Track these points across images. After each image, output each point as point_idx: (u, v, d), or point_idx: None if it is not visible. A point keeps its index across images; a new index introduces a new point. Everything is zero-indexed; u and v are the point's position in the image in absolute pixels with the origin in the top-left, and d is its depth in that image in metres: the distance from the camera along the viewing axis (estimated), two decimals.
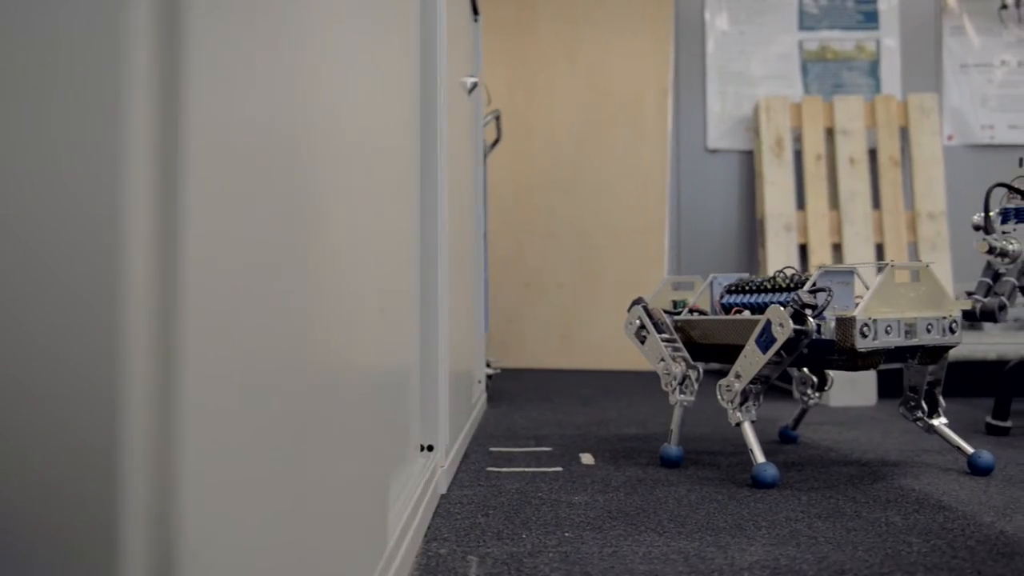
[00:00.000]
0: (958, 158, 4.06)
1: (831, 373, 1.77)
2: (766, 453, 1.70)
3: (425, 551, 1.06)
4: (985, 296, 1.79)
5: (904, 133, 3.92)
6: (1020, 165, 1.92)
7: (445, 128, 1.39)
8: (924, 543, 1.07)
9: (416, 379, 1.25)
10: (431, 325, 1.34)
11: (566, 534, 1.12)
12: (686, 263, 4.09)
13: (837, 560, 1.00)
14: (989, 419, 1.91)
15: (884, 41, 4.09)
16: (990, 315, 1.75)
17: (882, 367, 1.42)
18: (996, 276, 1.81)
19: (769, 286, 1.55)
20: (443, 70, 1.39)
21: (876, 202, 3.89)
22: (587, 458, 1.65)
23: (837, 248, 3.84)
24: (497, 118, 2.69)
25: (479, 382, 2.40)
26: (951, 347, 1.46)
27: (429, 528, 1.16)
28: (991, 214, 1.85)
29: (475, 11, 2.35)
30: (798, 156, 3.93)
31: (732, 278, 1.66)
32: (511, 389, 2.98)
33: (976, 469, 1.46)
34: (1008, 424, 1.89)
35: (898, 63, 4.09)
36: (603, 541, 1.09)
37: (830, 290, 1.37)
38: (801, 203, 3.89)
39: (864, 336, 1.33)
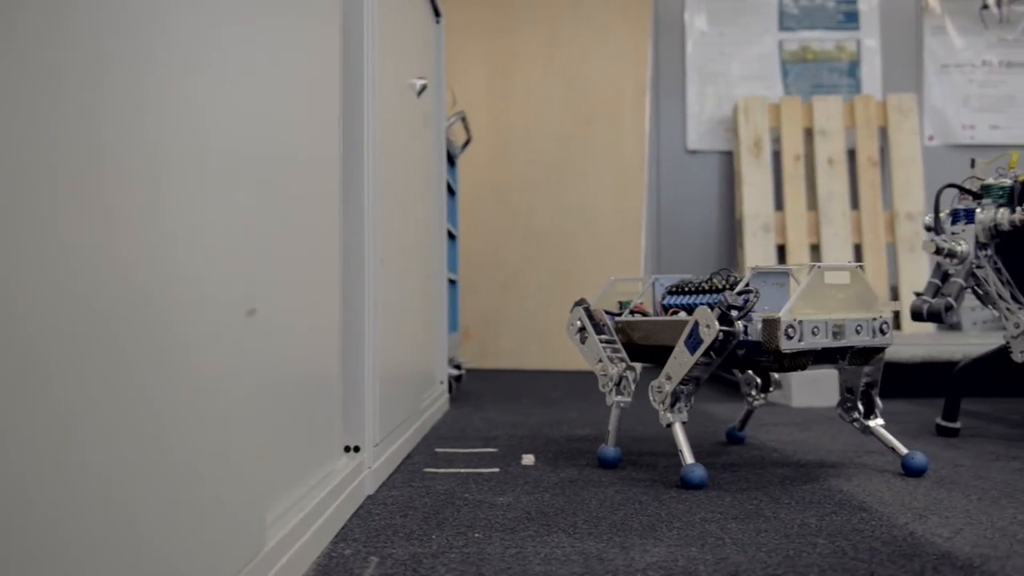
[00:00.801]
0: (939, 158, 4.05)
1: (775, 374, 1.76)
2: (712, 454, 1.71)
3: (330, 552, 1.06)
4: (933, 297, 1.78)
5: (883, 133, 3.91)
6: (972, 166, 1.91)
7: (374, 128, 1.39)
8: (829, 544, 1.07)
9: (337, 381, 1.25)
10: (356, 328, 1.34)
11: (476, 535, 1.12)
12: (666, 264, 4.09)
13: (735, 561, 1.00)
14: (939, 420, 1.91)
15: (865, 41, 4.08)
16: (936, 316, 1.75)
17: (812, 368, 1.42)
18: (945, 277, 1.80)
19: (707, 287, 1.55)
20: (372, 71, 1.39)
21: (855, 203, 3.88)
22: (528, 459, 1.65)
23: (815, 249, 3.83)
24: (463, 119, 2.69)
25: (441, 383, 2.40)
26: (882, 348, 1.46)
27: (343, 528, 1.16)
28: (942, 215, 1.85)
29: (436, 12, 2.35)
30: (777, 157, 3.92)
31: (674, 279, 1.66)
32: (480, 390, 2.98)
33: (909, 470, 1.46)
34: (957, 425, 1.89)
35: (879, 63, 4.08)
36: (509, 542, 1.09)
37: (756, 291, 1.36)
38: (779, 204, 3.88)
39: (789, 337, 1.33)
